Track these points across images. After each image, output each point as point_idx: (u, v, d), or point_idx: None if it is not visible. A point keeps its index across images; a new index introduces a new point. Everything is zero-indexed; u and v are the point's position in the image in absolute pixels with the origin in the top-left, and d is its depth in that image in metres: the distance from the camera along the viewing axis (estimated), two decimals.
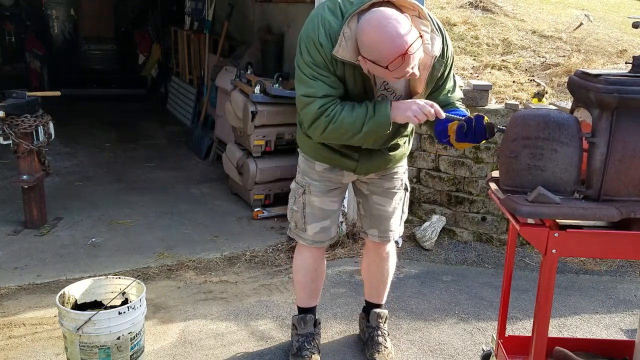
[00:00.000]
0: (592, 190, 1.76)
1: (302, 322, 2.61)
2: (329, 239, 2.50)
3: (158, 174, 5.38)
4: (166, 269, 3.45)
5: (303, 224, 2.44)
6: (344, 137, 2.10)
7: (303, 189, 2.40)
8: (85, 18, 9.91)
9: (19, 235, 3.87)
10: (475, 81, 4.01)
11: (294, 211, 2.45)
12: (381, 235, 2.51)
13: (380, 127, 2.05)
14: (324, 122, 2.05)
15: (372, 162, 2.31)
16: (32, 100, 3.83)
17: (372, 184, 2.44)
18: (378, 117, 2.03)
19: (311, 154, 2.36)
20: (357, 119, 2.03)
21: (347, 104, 2.06)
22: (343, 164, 2.32)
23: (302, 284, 2.60)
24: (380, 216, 2.47)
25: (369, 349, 2.61)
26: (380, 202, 2.45)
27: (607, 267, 3.69)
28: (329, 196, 2.41)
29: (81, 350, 2.23)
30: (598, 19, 5.98)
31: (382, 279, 2.66)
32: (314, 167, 2.38)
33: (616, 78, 1.69)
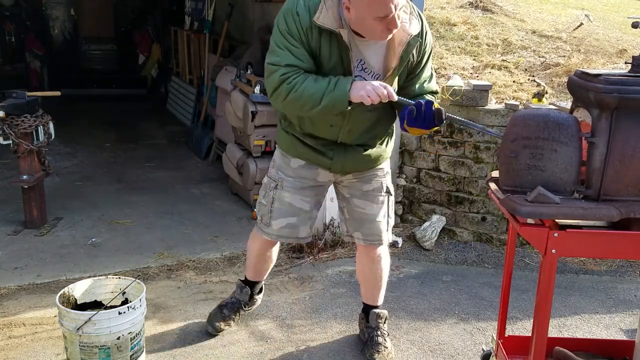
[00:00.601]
0: (592, 190, 1.76)
1: (239, 289, 2.83)
2: (294, 237, 2.53)
3: (158, 174, 5.38)
4: (166, 269, 3.45)
5: (269, 218, 2.48)
6: (303, 109, 2.12)
7: (275, 183, 2.45)
8: (85, 18, 9.91)
9: (19, 235, 3.87)
10: (475, 81, 4.01)
11: (262, 205, 2.50)
12: (365, 238, 2.52)
13: (337, 103, 2.07)
14: (285, 90, 2.08)
15: (346, 160, 2.34)
16: (32, 100, 3.83)
17: (351, 187, 2.47)
18: (337, 92, 2.05)
19: (288, 150, 2.41)
20: (318, 91, 2.06)
21: (311, 76, 2.09)
22: (318, 161, 2.36)
23: (250, 263, 2.78)
24: (362, 219, 2.49)
25: (369, 349, 2.61)
26: (361, 205, 2.47)
27: (607, 267, 3.69)
28: (301, 194, 2.44)
29: (81, 350, 2.23)
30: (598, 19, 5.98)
31: (376, 282, 2.67)
32: (290, 163, 2.42)
33: (616, 78, 1.69)
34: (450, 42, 5.04)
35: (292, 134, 2.38)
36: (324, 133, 2.30)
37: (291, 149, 2.40)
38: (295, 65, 2.08)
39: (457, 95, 3.88)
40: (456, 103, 3.90)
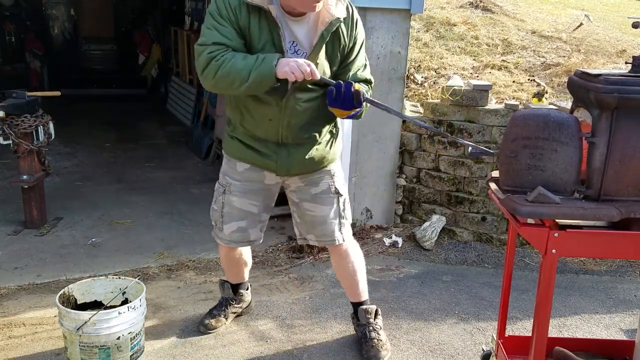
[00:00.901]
0: (592, 190, 1.76)
1: (222, 287, 2.89)
2: (246, 241, 2.57)
3: (158, 174, 5.38)
4: (166, 269, 3.45)
5: (221, 223, 2.52)
6: (233, 86, 2.13)
7: (223, 188, 2.49)
8: (85, 18, 9.92)
9: (19, 235, 3.87)
10: (475, 81, 4.01)
11: (214, 210, 2.55)
12: (318, 240, 2.55)
13: (264, 78, 2.09)
14: (214, 68, 2.11)
15: (291, 162, 2.36)
16: (32, 100, 3.83)
17: (300, 192, 2.49)
18: (263, 67, 2.08)
19: (234, 154, 2.44)
20: (245, 67, 2.08)
21: (239, 53, 2.13)
22: (263, 163, 2.38)
23: (225, 269, 2.87)
24: (312, 222, 2.52)
25: (364, 345, 2.63)
26: (311, 208, 2.50)
27: (607, 267, 3.69)
28: (249, 197, 2.47)
29: (81, 350, 2.23)
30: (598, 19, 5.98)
31: (350, 278, 2.68)
32: (236, 167, 2.45)
33: (616, 78, 1.69)
34: (450, 42, 5.04)
35: (236, 139, 2.41)
36: (264, 129, 2.31)
37: (236, 153, 2.43)
38: (222, 43, 2.13)
39: (457, 95, 3.88)
40: (456, 103, 3.91)
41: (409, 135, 4.10)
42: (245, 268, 2.87)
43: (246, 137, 2.38)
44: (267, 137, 2.34)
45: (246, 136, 2.38)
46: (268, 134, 2.33)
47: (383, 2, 3.70)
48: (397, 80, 3.90)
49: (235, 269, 2.84)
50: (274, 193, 2.56)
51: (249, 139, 2.38)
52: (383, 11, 3.74)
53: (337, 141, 2.51)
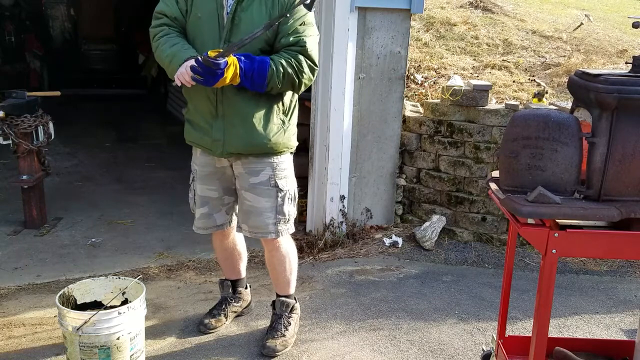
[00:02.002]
0: (593, 190, 1.76)
1: (220, 286, 2.91)
2: (213, 226, 2.63)
3: (158, 174, 5.38)
4: (166, 269, 3.45)
5: (194, 210, 2.64)
6: (164, 67, 2.34)
7: (193, 175, 2.59)
8: (85, 18, 9.92)
9: (19, 235, 3.87)
10: (475, 81, 4.01)
11: (190, 198, 2.65)
12: (251, 231, 2.53)
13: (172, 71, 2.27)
14: (154, 46, 2.36)
15: (225, 138, 2.35)
16: (32, 100, 3.83)
17: (240, 178, 2.49)
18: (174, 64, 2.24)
19: (188, 138, 2.52)
20: (168, 57, 2.28)
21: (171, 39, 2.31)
22: (203, 143, 2.43)
23: (219, 261, 2.94)
24: (248, 212, 2.50)
25: (267, 334, 2.68)
26: (248, 198, 2.49)
27: (607, 267, 3.69)
28: (206, 183, 2.55)
29: (81, 350, 2.22)
30: (598, 19, 5.98)
31: (275, 271, 2.69)
32: (196, 154, 2.55)
33: (616, 78, 1.69)
34: (450, 42, 5.04)
35: (188, 120, 2.50)
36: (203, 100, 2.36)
37: (188, 136, 2.51)
38: (162, 12, 2.35)
39: (457, 95, 3.88)
40: (456, 103, 3.91)
41: (409, 135, 4.10)
42: (241, 262, 2.88)
43: (192, 113, 2.47)
44: (205, 107, 2.38)
45: (192, 111, 2.46)
46: (207, 102, 2.36)
47: (383, 2, 3.70)
48: (397, 80, 3.90)
49: (229, 261, 2.85)
50: (228, 176, 2.53)
51: (194, 114, 2.45)
52: (383, 11, 3.74)
53: (286, 133, 2.44)
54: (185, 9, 2.35)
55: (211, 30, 2.30)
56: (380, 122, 3.88)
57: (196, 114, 2.43)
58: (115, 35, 9.99)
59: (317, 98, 3.79)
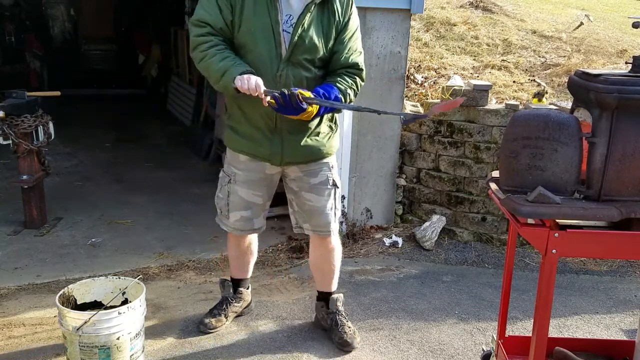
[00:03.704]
0: (593, 190, 1.76)
1: (223, 286, 2.90)
2: (250, 229, 2.66)
3: (158, 174, 5.38)
4: (166, 269, 3.44)
5: (227, 211, 2.59)
6: (210, 80, 2.32)
7: (229, 178, 2.54)
8: (85, 18, 9.92)
9: (19, 235, 3.87)
10: (475, 81, 4.01)
11: (219, 198, 2.60)
12: (314, 229, 2.61)
13: (227, 88, 2.24)
14: (198, 56, 2.29)
15: (284, 150, 2.40)
16: (32, 100, 3.83)
17: (299, 181, 2.53)
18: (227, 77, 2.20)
19: (232, 145, 2.50)
20: (218, 71, 2.23)
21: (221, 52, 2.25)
22: (259, 153, 2.43)
23: (231, 261, 2.92)
24: (310, 211, 2.57)
25: (336, 332, 2.70)
26: (309, 198, 2.54)
27: (607, 267, 3.69)
28: (253, 188, 2.54)
29: (81, 350, 2.22)
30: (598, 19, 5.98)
31: (330, 270, 2.75)
32: (239, 158, 2.51)
33: (616, 78, 1.69)
34: (450, 42, 5.04)
35: (232, 128, 2.48)
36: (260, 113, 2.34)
37: (234, 144, 2.49)
38: (204, 21, 2.26)
39: (457, 95, 3.88)
40: None
41: (409, 135, 4.10)
42: (252, 260, 2.91)
43: (242, 124, 2.43)
44: (262, 122, 2.38)
45: (242, 122, 2.43)
46: (264, 116, 2.36)
47: (383, 2, 3.70)
48: (397, 80, 3.90)
49: (242, 259, 2.86)
50: (275, 182, 2.60)
51: (244, 125, 2.42)
52: (383, 11, 3.74)
53: (335, 135, 2.56)
54: (231, 19, 2.28)
55: (267, 46, 2.28)
56: (380, 122, 3.88)
57: (249, 126, 2.41)
58: (115, 35, 9.99)
59: None
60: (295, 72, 2.31)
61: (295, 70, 2.31)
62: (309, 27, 2.28)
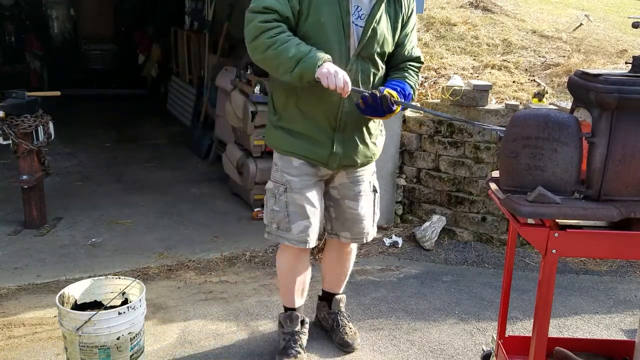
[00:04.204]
0: (592, 190, 1.76)
1: (288, 320, 2.57)
2: (314, 239, 2.42)
3: (158, 174, 5.38)
4: (166, 269, 3.44)
5: (287, 223, 2.36)
6: (277, 70, 2.11)
7: (284, 186, 2.35)
8: (85, 18, 9.92)
9: (19, 235, 3.87)
10: (475, 81, 4.01)
11: (275, 212, 2.37)
12: (354, 237, 2.55)
13: (305, 75, 2.05)
14: (264, 44, 2.06)
15: (344, 152, 2.31)
16: (32, 100, 3.83)
17: (343, 188, 2.46)
18: (308, 62, 2.03)
19: (284, 147, 2.33)
20: (294, 56, 2.04)
21: (293, 37, 2.08)
22: (316, 155, 2.30)
23: (287, 285, 2.55)
24: (353, 219, 2.50)
25: (337, 333, 2.70)
26: (353, 206, 2.48)
27: (607, 267, 3.69)
28: (311, 194, 2.37)
29: (81, 350, 2.22)
30: (598, 19, 5.98)
31: (344, 272, 2.75)
32: (292, 162, 2.34)
33: (616, 78, 1.69)
34: (450, 42, 5.04)
35: (283, 129, 2.32)
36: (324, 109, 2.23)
37: (287, 146, 2.32)
38: (272, 8, 2.06)
39: (457, 95, 3.88)
40: (456, 103, 3.90)
41: (409, 135, 4.10)
42: (308, 281, 2.63)
43: (298, 123, 2.27)
44: (325, 120, 2.25)
45: (299, 121, 2.27)
46: (327, 115, 2.24)
47: None
48: None
49: (304, 280, 2.57)
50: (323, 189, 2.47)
51: (301, 123, 2.27)
52: None
53: (382, 138, 2.51)
54: (298, 9, 2.12)
55: (337, 38, 2.15)
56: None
57: (307, 125, 2.27)
58: (115, 35, 9.98)
59: None
60: (364, 67, 2.22)
61: (365, 65, 2.21)
62: (380, 20, 2.18)
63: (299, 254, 2.47)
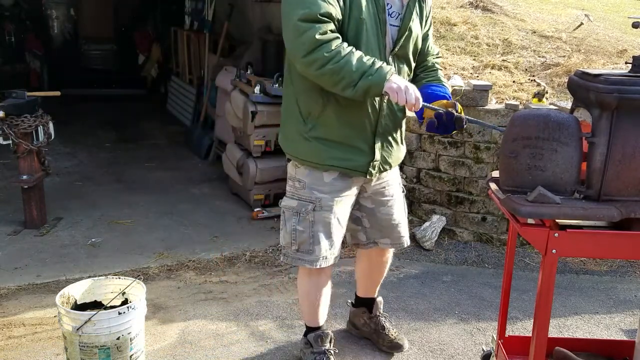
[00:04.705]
0: (592, 190, 1.76)
1: (320, 340, 2.45)
2: (333, 258, 2.30)
3: (158, 174, 5.38)
4: (166, 269, 3.45)
5: (310, 244, 2.22)
6: (337, 84, 1.96)
7: (313, 205, 2.19)
8: (85, 18, 9.91)
9: (19, 235, 3.87)
10: (475, 81, 4.01)
11: (299, 232, 2.21)
12: (394, 243, 2.51)
13: (373, 89, 1.96)
14: (323, 58, 1.91)
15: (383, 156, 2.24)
16: (32, 100, 3.83)
17: (376, 195, 2.37)
18: (376, 76, 1.94)
19: (322, 160, 2.16)
20: (358, 70, 1.92)
21: (352, 50, 1.94)
22: (354, 164, 2.18)
23: (312, 305, 2.43)
24: (391, 226, 2.45)
25: (383, 336, 2.67)
26: (388, 212, 2.42)
27: (607, 267, 3.69)
28: (343, 211, 2.26)
29: (81, 350, 2.22)
30: (598, 19, 5.98)
31: (381, 277, 2.74)
32: (323, 178, 2.19)
33: (616, 78, 1.69)
34: (450, 42, 5.04)
35: (317, 139, 2.15)
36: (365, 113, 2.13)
37: (321, 158, 2.15)
38: (329, 15, 1.92)
39: (457, 95, 3.87)
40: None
41: (409, 135, 4.10)
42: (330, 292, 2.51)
43: (335, 130, 2.13)
44: (365, 126, 2.14)
45: (336, 128, 2.13)
46: (369, 120, 2.14)
47: None
48: None
49: (327, 297, 2.46)
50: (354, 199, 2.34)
51: (339, 130, 2.13)
52: None
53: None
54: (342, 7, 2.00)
55: (375, 36, 2.06)
56: None
57: (345, 131, 2.14)
58: (115, 35, 9.98)
59: None
60: (400, 67, 2.15)
61: (400, 64, 2.16)
62: (413, 18, 2.14)
63: (321, 272, 2.35)
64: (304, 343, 2.51)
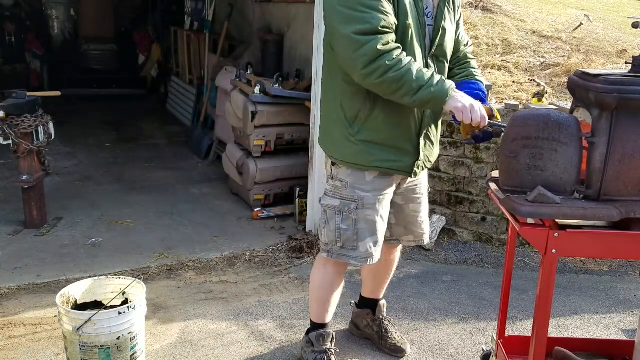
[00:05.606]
0: (592, 190, 1.76)
1: (321, 339, 2.48)
2: (379, 253, 2.31)
3: (158, 174, 5.38)
4: (166, 269, 3.45)
5: (354, 241, 2.25)
6: (396, 93, 1.97)
7: (355, 203, 2.22)
8: (85, 18, 9.91)
9: (19, 235, 3.87)
10: None
11: (343, 230, 2.24)
12: (416, 240, 2.53)
13: (435, 101, 1.99)
14: (384, 67, 1.93)
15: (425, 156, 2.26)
16: (32, 100, 3.83)
17: (408, 193, 2.39)
18: (438, 89, 1.96)
19: (367, 162, 2.18)
20: (419, 79, 1.94)
21: (412, 60, 1.97)
22: (400, 165, 2.20)
23: (322, 300, 2.46)
24: (416, 222, 2.47)
25: (386, 339, 2.67)
26: (416, 209, 2.45)
27: (607, 267, 3.69)
28: (383, 209, 2.27)
29: (81, 350, 2.22)
30: (598, 19, 5.98)
31: (388, 277, 2.72)
32: (365, 177, 2.21)
33: (616, 78, 1.69)
34: None
35: (364, 142, 2.16)
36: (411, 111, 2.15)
37: (368, 160, 2.17)
38: (389, 27, 1.95)
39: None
40: None
41: None
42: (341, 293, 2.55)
43: (382, 132, 2.14)
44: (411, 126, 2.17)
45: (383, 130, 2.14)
46: (414, 121, 2.17)
47: None
48: None
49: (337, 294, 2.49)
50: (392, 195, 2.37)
51: (386, 132, 2.14)
52: None
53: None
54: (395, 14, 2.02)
55: (418, 39, 2.07)
56: None
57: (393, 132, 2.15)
58: (115, 36, 9.98)
59: (317, 98, 3.79)
60: (439, 67, 2.16)
61: (440, 64, 2.17)
62: (446, 16, 2.15)
63: (342, 270, 2.41)
64: (305, 342, 2.53)
